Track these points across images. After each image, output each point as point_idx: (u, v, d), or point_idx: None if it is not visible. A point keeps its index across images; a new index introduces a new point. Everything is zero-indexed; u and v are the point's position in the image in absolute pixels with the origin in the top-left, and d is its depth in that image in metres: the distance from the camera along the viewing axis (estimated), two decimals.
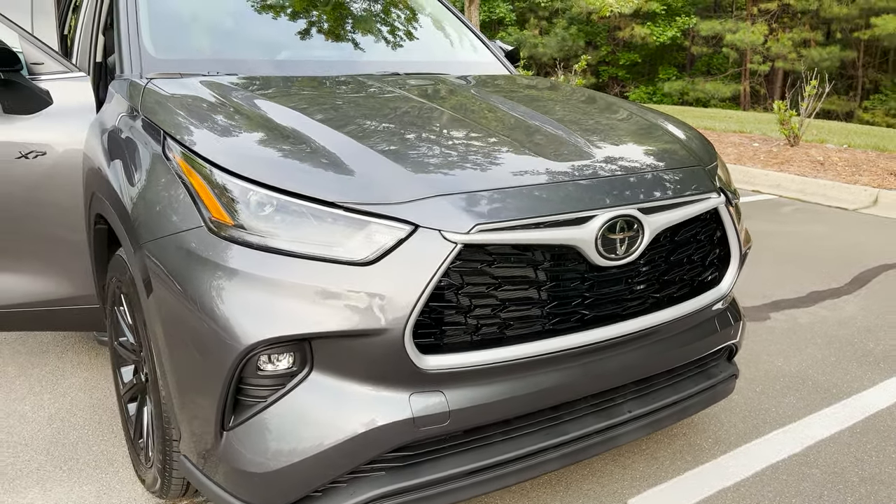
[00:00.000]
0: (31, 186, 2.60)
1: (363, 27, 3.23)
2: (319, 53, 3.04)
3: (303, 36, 3.07)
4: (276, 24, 3.08)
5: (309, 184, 1.77)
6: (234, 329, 1.69)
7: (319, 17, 3.17)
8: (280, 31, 3.06)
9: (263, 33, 3.03)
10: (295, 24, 3.11)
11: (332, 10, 3.22)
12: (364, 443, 1.72)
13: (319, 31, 3.13)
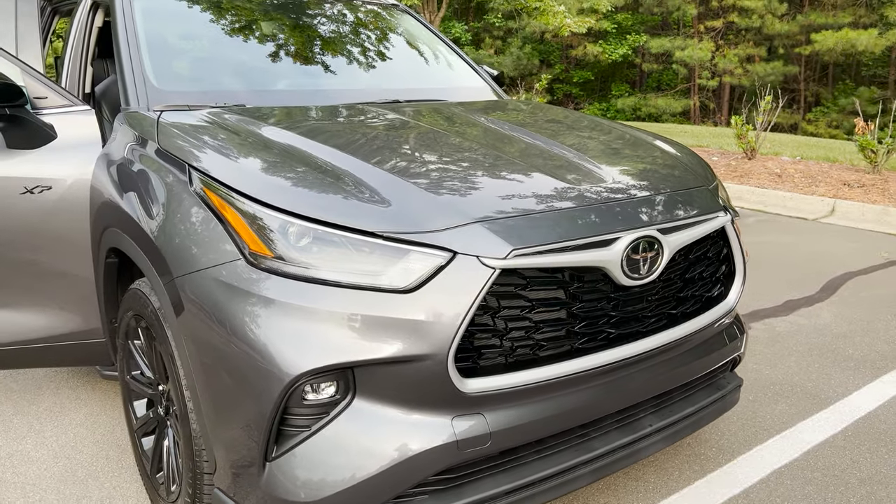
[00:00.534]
0: (36, 222, 2.57)
1: (361, 56, 3.28)
2: (320, 82, 3.07)
3: (302, 66, 3.11)
4: (274, 55, 3.10)
5: (348, 215, 1.80)
6: (279, 360, 1.71)
7: (318, 48, 3.21)
8: (278, 62, 3.09)
9: (263, 64, 3.06)
10: (293, 55, 3.14)
11: (330, 41, 3.27)
12: (410, 468, 1.76)
13: (318, 61, 3.17)
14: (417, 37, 3.64)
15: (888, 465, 2.77)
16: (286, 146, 2.15)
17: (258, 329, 1.75)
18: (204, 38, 3.05)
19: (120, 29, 2.81)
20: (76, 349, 2.78)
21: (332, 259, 1.77)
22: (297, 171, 1.98)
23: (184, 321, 1.90)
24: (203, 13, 3.14)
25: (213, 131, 2.27)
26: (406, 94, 3.10)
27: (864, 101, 22.60)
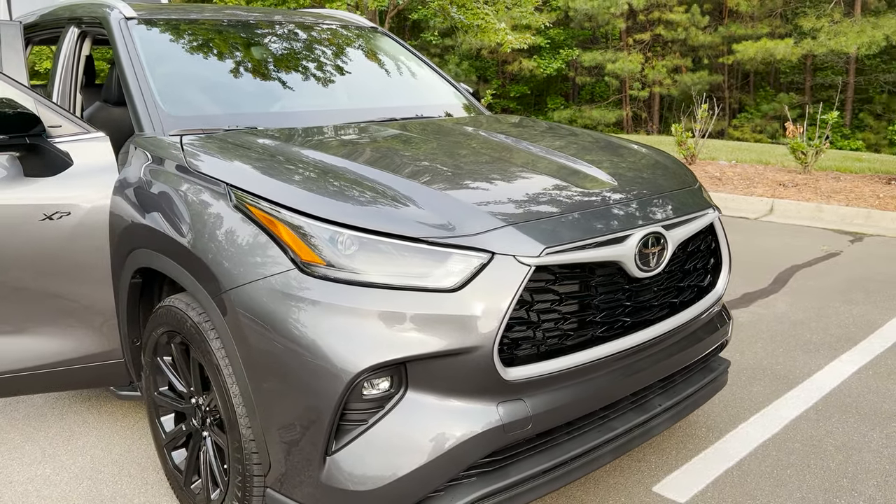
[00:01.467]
0: (56, 248, 2.63)
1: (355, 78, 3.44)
2: (320, 104, 3.22)
3: (302, 89, 3.25)
4: (273, 79, 3.23)
5: (392, 223, 1.96)
6: (340, 359, 1.85)
7: (314, 71, 3.35)
8: (278, 85, 3.22)
9: (264, 88, 3.18)
10: (292, 78, 3.28)
11: (325, 65, 3.41)
12: (462, 452, 1.92)
13: (316, 83, 3.31)
14: (401, 58, 3.82)
15: (857, 433, 3.06)
16: (317, 163, 2.30)
17: (316, 332, 1.88)
18: (205, 64, 3.15)
19: (123, 58, 2.89)
20: (94, 371, 2.83)
21: (381, 264, 1.92)
22: (337, 185, 2.13)
23: (237, 331, 2.01)
24: (201, 40, 3.25)
25: (242, 152, 2.39)
26: (402, 112, 3.28)
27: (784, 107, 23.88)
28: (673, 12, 22.69)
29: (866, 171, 9.86)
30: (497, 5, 13.27)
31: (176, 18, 3.30)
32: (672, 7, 22.71)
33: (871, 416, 3.20)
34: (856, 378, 3.62)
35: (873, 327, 4.34)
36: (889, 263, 5.87)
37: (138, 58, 2.90)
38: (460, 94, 3.80)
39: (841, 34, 20.45)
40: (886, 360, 3.85)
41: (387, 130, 2.86)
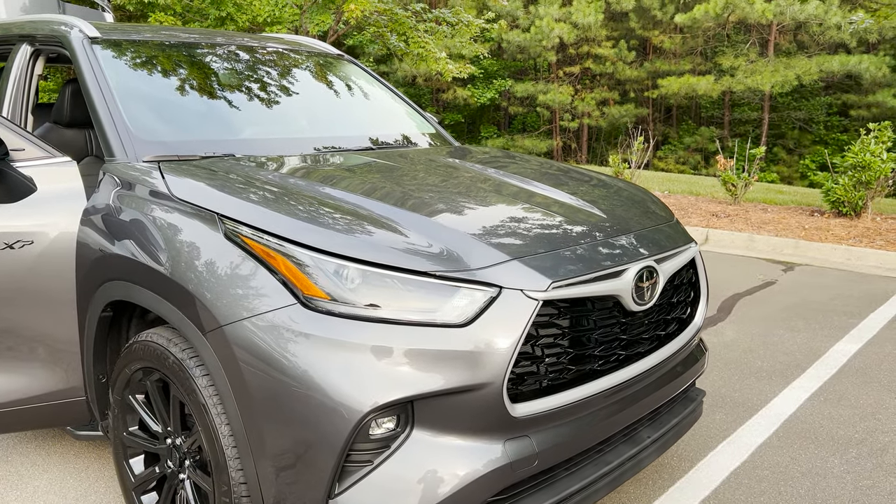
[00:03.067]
0: (16, 279, 2.46)
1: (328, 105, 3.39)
2: (293, 131, 3.15)
3: (273, 115, 3.18)
4: (245, 104, 3.15)
5: (398, 256, 1.92)
6: (347, 398, 1.79)
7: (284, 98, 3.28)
8: (249, 111, 3.14)
9: (236, 113, 3.09)
10: (263, 104, 3.20)
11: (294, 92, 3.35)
12: (470, 492, 1.87)
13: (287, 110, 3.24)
14: (370, 86, 3.79)
15: (819, 459, 3.16)
16: (312, 194, 2.24)
17: (321, 370, 1.82)
18: (174, 88, 3.04)
19: (89, 81, 2.76)
20: (52, 410, 2.65)
21: (387, 298, 1.88)
22: (337, 217, 2.07)
23: (232, 369, 1.92)
24: (168, 62, 3.14)
25: (230, 180, 2.31)
26: (378, 140, 3.24)
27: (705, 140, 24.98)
28: (601, 47, 23.49)
29: (790, 203, 10.37)
30: (436, 34, 13.40)
31: (140, 39, 3.19)
32: (600, 42, 23.51)
33: (829, 443, 3.32)
34: (809, 405, 3.75)
35: (817, 354, 4.53)
36: (821, 291, 6.16)
37: (105, 80, 2.77)
38: (428, 123, 3.79)
39: (757, 73, 21.60)
40: (834, 386, 4.01)
41: (372, 160, 2.81)
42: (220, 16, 11.38)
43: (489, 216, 2.29)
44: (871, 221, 8.52)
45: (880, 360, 4.44)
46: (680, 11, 21.94)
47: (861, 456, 3.20)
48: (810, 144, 24.27)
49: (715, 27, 23.06)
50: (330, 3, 11.94)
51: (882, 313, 5.53)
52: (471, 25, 13.78)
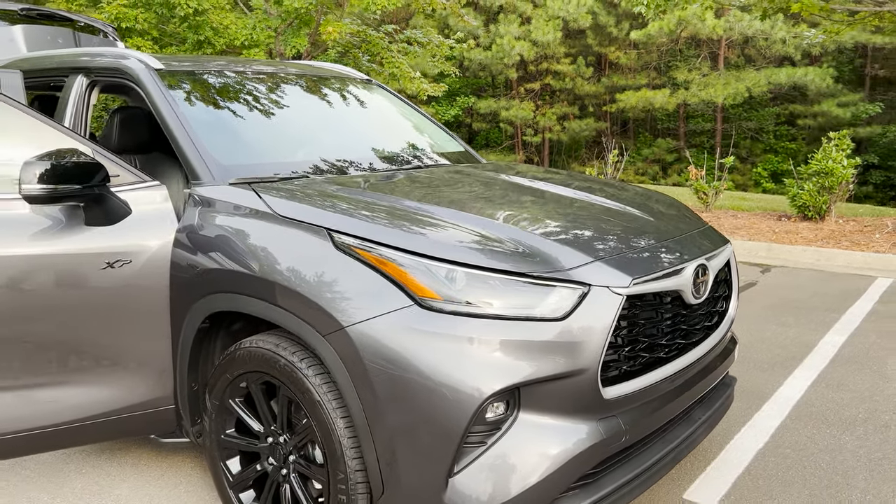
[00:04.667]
0: (116, 295, 2.63)
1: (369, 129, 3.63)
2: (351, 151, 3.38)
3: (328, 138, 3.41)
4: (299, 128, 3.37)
5: (498, 261, 2.17)
6: (468, 386, 2.02)
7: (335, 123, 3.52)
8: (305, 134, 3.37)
9: (292, 136, 3.31)
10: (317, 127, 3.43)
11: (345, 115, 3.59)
12: (572, 466, 2.13)
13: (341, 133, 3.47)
14: (404, 109, 4.05)
15: (832, 437, 3.50)
16: (402, 207, 2.48)
17: (439, 362, 2.05)
18: (235, 114, 3.24)
19: (164, 110, 2.93)
20: (144, 419, 2.81)
21: (492, 297, 2.12)
22: (435, 228, 2.31)
23: (355, 365, 2.13)
24: (225, 90, 3.34)
25: (328, 199, 2.53)
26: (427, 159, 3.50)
27: (662, 151, 25.80)
28: (560, 63, 24.14)
29: (756, 209, 10.91)
30: (409, 54, 13.72)
31: (197, 70, 3.39)
32: (559, 59, 24.16)
33: (837, 423, 3.66)
34: (812, 391, 4.10)
35: (810, 346, 4.90)
36: (799, 290, 6.59)
37: (180, 109, 2.97)
38: (456, 142, 4.06)
39: (710, 86, 22.47)
40: (831, 374, 4.37)
41: (434, 176, 3.07)
42: (197, 40, 11.50)
43: (564, 224, 2.56)
44: (835, 224, 9.07)
45: (867, 349, 4.84)
46: (635, 28, 22.71)
47: (868, 433, 3.55)
48: (761, 153, 25.26)
49: (668, 43, 23.91)
50: (304, 25, 12.16)
51: (859, 307, 5.96)
52: (441, 45, 14.15)
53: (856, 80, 25.73)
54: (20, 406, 2.61)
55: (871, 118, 23.52)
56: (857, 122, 22.87)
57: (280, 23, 11.74)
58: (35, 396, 2.64)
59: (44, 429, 2.66)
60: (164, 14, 11.17)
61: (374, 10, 11.47)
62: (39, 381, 2.63)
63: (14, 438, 2.62)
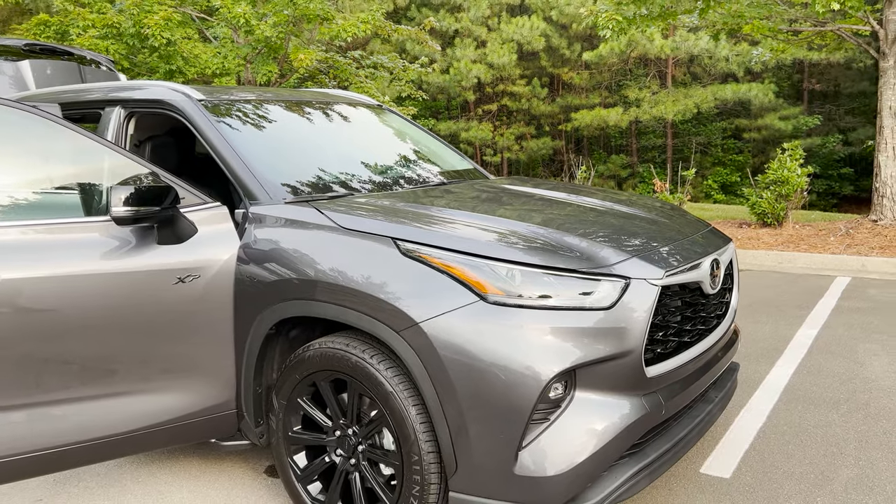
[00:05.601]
0: (186, 308, 2.85)
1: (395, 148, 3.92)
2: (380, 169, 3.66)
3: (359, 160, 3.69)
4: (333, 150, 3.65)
5: (550, 260, 2.48)
6: (533, 369, 2.31)
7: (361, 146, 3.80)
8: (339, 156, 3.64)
9: (328, 158, 3.58)
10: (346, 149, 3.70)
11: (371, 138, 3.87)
12: (624, 437, 2.43)
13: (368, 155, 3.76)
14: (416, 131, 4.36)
15: (821, 415, 3.88)
16: (449, 217, 2.78)
17: (507, 349, 2.34)
18: (273, 139, 3.50)
19: (213, 138, 3.16)
20: (208, 423, 3.01)
21: (548, 291, 2.42)
22: (487, 233, 2.61)
23: (430, 357, 2.40)
24: (261, 117, 3.60)
25: (383, 212, 2.80)
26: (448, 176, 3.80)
27: (617, 167, 26.59)
28: (516, 85, 24.79)
29: (717, 219, 11.49)
30: (377, 80, 14.06)
31: (234, 99, 3.63)
32: (515, 80, 24.81)
33: (823, 403, 4.05)
34: (796, 378, 4.50)
35: (786, 340, 5.33)
36: (768, 291, 7.06)
37: (228, 136, 3.21)
38: (466, 160, 4.38)
39: (660, 103, 23.34)
40: (809, 362, 4.78)
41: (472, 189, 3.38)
42: (169, 69, 11.63)
43: (597, 228, 2.88)
44: (793, 229, 9.66)
45: (837, 339, 5.28)
46: (586, 50, 23.51)
47: (851, 410, 3.94)
48: (711, 166, 26.24)
49: (619, 63, 24.79)
50: (274, 52, 12.40)
51: (824, 304, 6.45)
52: (407, 69, 14.53)
53: (794, 94, 27.05)
54: (99, 415, 2.80)
55: (810, 130, 24.71)
56: (798, 134, 23.99)
57: (250, 51, 11.95)
58: (111, 405, 2.83)
59: (118, 436, 2.85)
60: (134, 45, 11.28)
61: (344, 38, 11.77)
62: (115, 390, 2.82)
63: (96, 445, 2.80)
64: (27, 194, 2.82)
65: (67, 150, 2.90)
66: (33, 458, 2.70)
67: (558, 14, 23.16)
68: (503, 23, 23.89)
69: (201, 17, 13.01)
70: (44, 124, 2.81)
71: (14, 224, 2.68)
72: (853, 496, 3.03)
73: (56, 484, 3.35)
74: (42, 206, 2.84)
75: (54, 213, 2.81)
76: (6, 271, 2.57)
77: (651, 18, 9.04)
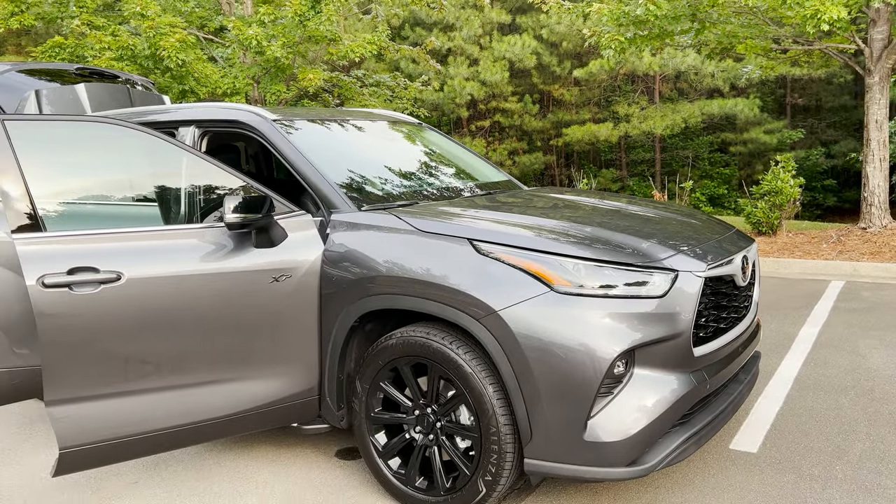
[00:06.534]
0: (279, 304, 3.21)
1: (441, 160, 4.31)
2: (433, 182, 4.05)
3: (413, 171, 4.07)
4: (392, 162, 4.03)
5: (609, 256, 2.86)
6: (601, 349, 2.69)
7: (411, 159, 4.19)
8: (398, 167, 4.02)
9: (388, 170, 3.96)
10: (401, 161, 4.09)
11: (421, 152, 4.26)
12: (677, 407, 2.81)
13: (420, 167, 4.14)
14: (455, 146, 4.75)
15: (831, 399, 4.29)
16: (518, 220, 3.16)
17: (576, 332, 2.71)
18: (340, 154, 3.87)
19: (290, 154, 3.52)
20: (294, 408, 3.36)
21: (610, 282, 2.81)
22: (553, 233, 3.00)
23: (508, 341, 2.77)
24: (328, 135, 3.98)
25: (454, 216, 3.18)
26: (489, 185, 4.20)
27: (607, 181, 27.14)
28: (508, 101, 25.31)
29: None
30: (379, 97, 14.50)
31: (301, 118, 4.00)
32: (507, 97, 25.34)
33: (832, 390, 4.45)
34: (805, 369, 4.90)
35: (791, 337, 5.74)
36: (768, 294, 7.48)
37: (304, 151, 3.58)
38: (501, 171, 4.77)
39: (649, 118, 23.95)
40: (815, 356, 5.19)
41: (521, 196, 3.78)
42: (182, 89, 11.98)
43: (644, 228, 3.27)
44: (787, 237, 10.13)
45: (839, 336, 5.70)
46: (577, 67, 24.10)
47: (858, 395, 4.35)
48: (698, 179, 26.85)
49: (608, 79, 25.41)
50: (281, 73, 12.78)
51: (822, 305, 6.88)
52: (408, 88, 14.98)
53: (778, 108, 27.81)
54: (204, 400, 3.15)
55: (794, 143, 25.42)
56: (783, 148, 24.68)
57: (259, 70, 12.34)
58: (214, 391, 3.18)
59: (219, 419, 3.20)
60: (148, 66, 11.63)
61: (351, 58, 12.18)
62: (217, 377, 3.17)
63: (200, 427, 3.15)
64: (142, 204, 3.18)
65: (175, 165, 3.27)
66: (152, 437, 3.04)
67: (549, 32, 23.75)
68: (495, 41, 24.46)
69: (207, 39, 13.40)
70: (158, 144, 3.18)
71: (134, 230, 3.04)
72: (868, 464, 3.43)
73: (147, 469, 3.68)
74: (152, 214, 3.20)
75: (164, 221, 3.18)
76: (131, 270, 2.93)
77: (650, 39, 9.54)
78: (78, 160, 3.12)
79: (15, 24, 11.47)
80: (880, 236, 9.53)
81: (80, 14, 11.71)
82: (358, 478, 3.47)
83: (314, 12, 11.11)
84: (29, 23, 11.48)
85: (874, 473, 3.34)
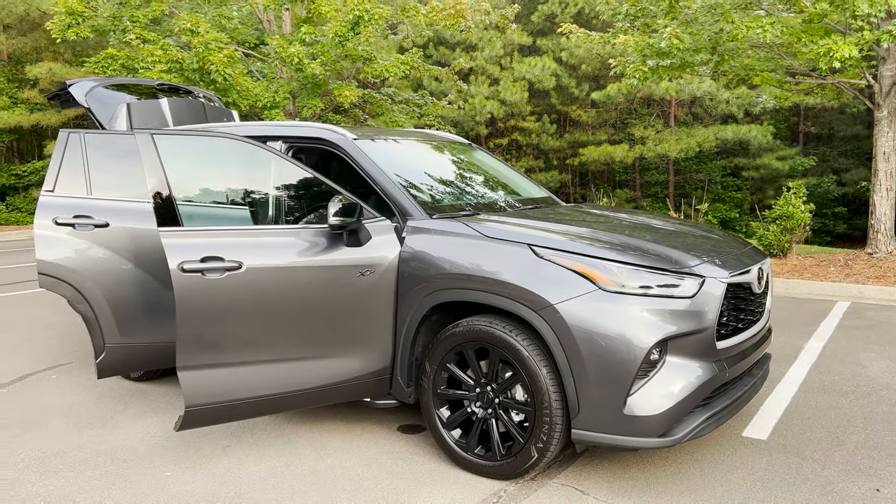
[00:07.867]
0: (365, 294, 3.79)
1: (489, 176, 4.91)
2: (485, 195, 4.64)
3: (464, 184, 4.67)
4: (450, 176, 4.62)
5: (647, 261, 3.43)
6: (640, 338, 3.25)
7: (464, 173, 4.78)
8: (454, 181, 4.62)
9: (448, 183, 4.56)
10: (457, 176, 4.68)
11: (472, 168, 4.85)
12: (703, 388, 3.37)
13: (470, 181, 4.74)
14: (500, 163, 5.36)
15: (833, 400, 4.82)
16: (568, 230, 3.74)
17: (620, 323, 3.28)
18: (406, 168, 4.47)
19: (370, 168, 4.12)
20: (368, 384, 3.94)
21: (648, 283, 3.38)
22: (599, 241, 3.57)
23: (561, 329, 3.33)
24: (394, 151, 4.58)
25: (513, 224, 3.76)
26: (533, 200, 4.79)
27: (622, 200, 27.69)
28: (526, 121, 26.03)
29: None
30: (408, 114, 15.16)
31: (374, 137, 4.61)
32: (525, 116, 26.06)
33: (834, 393, 4.99)
34: (811, 375, 5.44)
35: (799, 348, 6.28)
36: (778, 312, 8.00)
37: (380, 166, 4.18)
38: (542, 189, 5.36)
39: (664, 141, 24.56)
40: (820, 364, 5.73)
41: (566, 211, 4.36)
42: (225, 102, 12.66)
43: (674, 240, 3.84)
44: (797, 260, 10.66)
45: (842, 349, 6.24)
46: (595, 90, 24.76)
47: (858, 398, 4.89)
48: (711, 202, 27.40)
49: (625, 102, 26.05)
50: (317, 88, 13.47)
51: (828, 323, 7.41)
52: (436, 105, 15.63)
53: (791, 136, 28.37)
54: (302, 373, 3.73)
55: (805, 171, 25.95)
56: (794, 174, 25.22)
57: (298, 86, 13.02)
58: (309, 366, 3.76)
59: (311, 389, 3.78)
60: (195, 79, 12.33)
61: (386, 77, 12.85)
62: (312, 354, 3.75)
63: (298, 394, 3.73)
64: (254, 206, 3.79)
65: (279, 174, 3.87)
66: (257, 402, 3.63)
67: (568, 55, 24.44)
68: (515, 62, 25.19)
69: (246, 54, 14.11)
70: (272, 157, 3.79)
71: (250, 228, 3.64)
72: (862, 452, 3.97)
73: (234, 435, 4.26)
74: (262, 215, 3.81)
75: (273, 221, 3.78)
76: (250, 260, 3.52)
77: (672, 69, 10.15)
78: (205, 167, 3.73)
79: (72, 35, 12.20)
80: (886, 261, 10.05)
81: (133, 28, 12.43)
82: (422, 447, 4.04)
83: (353, 34, 11.79)
84: (85, 34, 12.20)
85: (868, 459, 3.88)
